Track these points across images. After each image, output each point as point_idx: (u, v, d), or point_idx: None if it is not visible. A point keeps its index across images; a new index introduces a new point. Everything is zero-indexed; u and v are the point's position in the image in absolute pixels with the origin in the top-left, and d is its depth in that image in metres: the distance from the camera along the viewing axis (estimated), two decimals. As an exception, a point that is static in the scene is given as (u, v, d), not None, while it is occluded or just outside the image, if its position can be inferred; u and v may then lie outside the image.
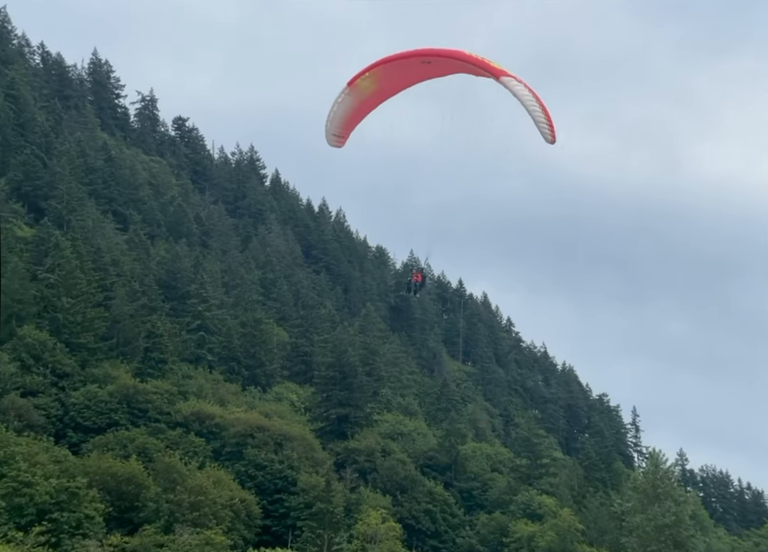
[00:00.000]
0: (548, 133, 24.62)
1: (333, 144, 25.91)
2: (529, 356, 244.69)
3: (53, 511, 73.54)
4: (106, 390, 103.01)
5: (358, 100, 25.75)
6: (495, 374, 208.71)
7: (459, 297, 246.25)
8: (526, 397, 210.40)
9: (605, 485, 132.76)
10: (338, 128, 26.14)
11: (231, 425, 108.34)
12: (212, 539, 78.70)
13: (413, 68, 27.92)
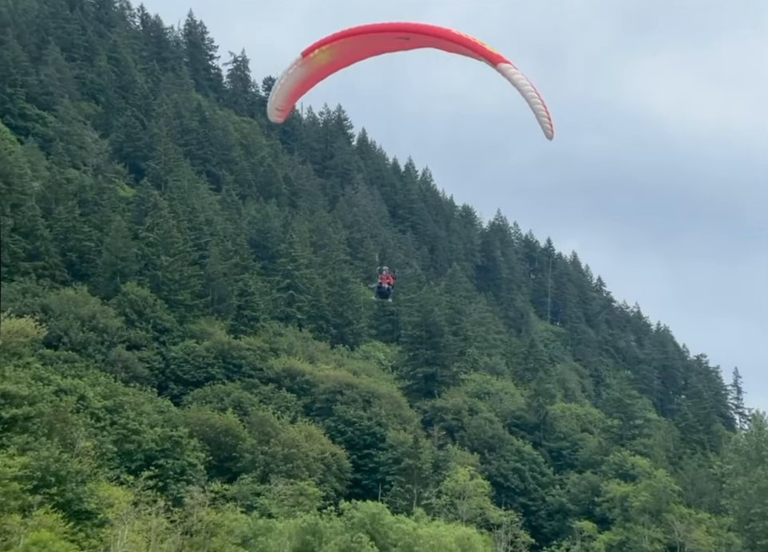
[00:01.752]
0: (548, 128, 21.49)
1: (274, 119, 24.06)
2: (621, 316, 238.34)
3: (159, 458, 77.75)
4: (203, 345, 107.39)
5: (308, 72, 23.35)
6: (585, 334, 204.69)
7: (547, 256, 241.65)
8: (618, 358, 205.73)
9: (703, 447, 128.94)
10: (282, 102, 23.71)
11: (321, 382, 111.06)
12: (306, 490, 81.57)
13: (384, 42, 24.33)
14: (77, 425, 68.36)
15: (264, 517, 71.25)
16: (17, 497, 50.30)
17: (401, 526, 66.69)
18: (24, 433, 60.83)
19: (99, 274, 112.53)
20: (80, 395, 78.38)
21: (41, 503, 51.20)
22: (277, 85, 23.42)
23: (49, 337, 79.62)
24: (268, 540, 63.22)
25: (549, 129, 21.88)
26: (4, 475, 49.82)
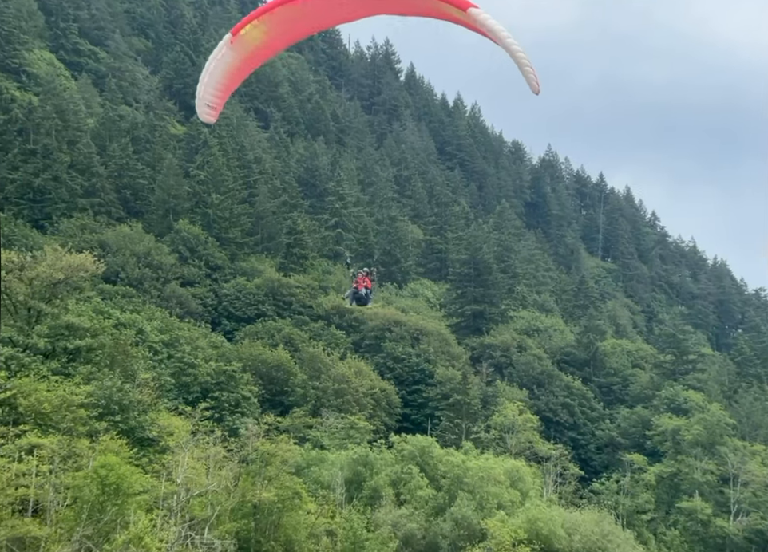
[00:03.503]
0: (533, 78, 17.28)
1: (205, 118, 18.57)
2: (675, 251, 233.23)
3: (215, 391, 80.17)
4: (253, 283, 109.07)
5: (241, 56, 18.01)
6: (637, 270, 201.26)
7: (599, 191, 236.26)
8: (671, 293, 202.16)
9: (760, 380, 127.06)
10: (212, 96, 18.44)
11: (370, 319, 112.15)
12: (356, 424, 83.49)
13: (330, 10, 18.82)
14: (137, 357, 70.66)
15: (316, 448, 73.35)
16: (84, 423, 52.79)
17: (450, 459, 67.97)
18: (88, 364, 63.33)
19: (152, 211, 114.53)
20: (138, 329, 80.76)
21: (107, 430, 53.57)
22: (204, 75, 18.11)
23: (107, 272, 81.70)
24: (321, 470, 65.25)
25: (535, 80, 17.65)
26: (72, 403, 52.24)
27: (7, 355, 56.47)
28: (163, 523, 47.52)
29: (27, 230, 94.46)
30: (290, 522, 52.27)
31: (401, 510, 60.71)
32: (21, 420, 49.52)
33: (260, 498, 51.49)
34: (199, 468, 52.42)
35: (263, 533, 51.46)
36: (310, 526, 53.53)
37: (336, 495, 60.50)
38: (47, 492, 43.88)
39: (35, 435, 46.09)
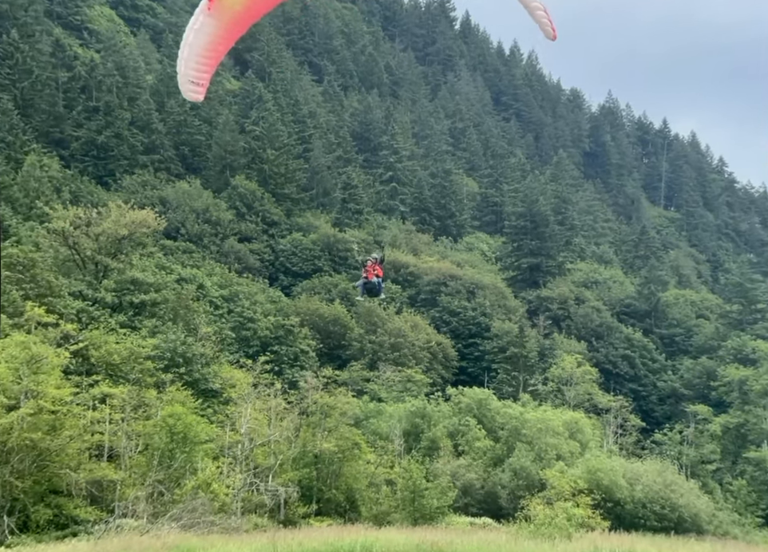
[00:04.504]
0: (547, 24, 15.37)
1: (191, 97, 16.76)
2: (744, 197, 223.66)
3: (274, 345, 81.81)
4: (309, 238, 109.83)
5: (222, 25, 16.23)
6: (702, 219, 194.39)
7: (662, 138, 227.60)
8: (739, 241, 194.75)
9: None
10: (194, 71, 16.41)
11: (425, 274, 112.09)
12: (413, 377, 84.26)
13: None
14: (198, 312, 72.45)
15: (374, 401, 74.35)
16: (151, 374, 54.79)
17: (507, 411, 68.10)
18: (152, 317, 65.35)
19: (210, 167, 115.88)
20: (199, 284, 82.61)
21: (173, 381, 55.44)
22: (183, 49, 16.17)
23: (168, 228, 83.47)
24: (379, 422, 66.25)
25: (549, 26, 15.70)
26: (139, 355, 54.21)
27: (78, 308, 58.71)
28: (229, 471, 49.22)
29: (92, 187, 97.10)
30: (350, 472, 53.49)
31: (459, 461, 61.40)
32: (93, 371, 51.65)
33: (321, 449, 52.71)
34: (262, 419, 53.81)
35: (325, 481, 52.83)
36: (370, 475, 54.68)
37: (395, 446, 61.49)
38: (120, 439, 45.87)
39: (107, 385, 48.03)
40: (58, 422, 41.60)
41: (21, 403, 40.19)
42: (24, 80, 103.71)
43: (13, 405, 39.93)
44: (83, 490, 42.33)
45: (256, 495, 48.71)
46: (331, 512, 51.20)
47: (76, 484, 41.87)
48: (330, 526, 37.34)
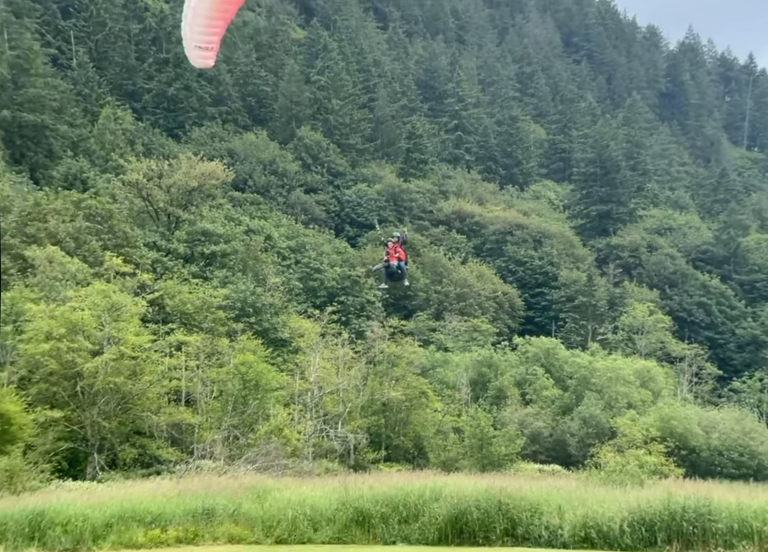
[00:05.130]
0: None
1: (199, 63, 15.14)
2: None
3: (341, 295, 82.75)
4: (374, 189, 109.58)
5: None
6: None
7: (747, 74, 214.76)
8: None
9: None
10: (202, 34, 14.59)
11: (490, 223, 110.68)
12: (479, 326, 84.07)
13: None
14: (267, 263, 73.68)
15: (440, 351, 74.72)
16: (223, 324, 56.37)
17: (576, 360, 67.41)
18: (223, 268, 66.89)
19: (276, 118, 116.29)
20: (266, 235, 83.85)
21: (243, 331, 56.96)
22: (187, 13, 14.61)
23: (236, 180, 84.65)
24: (446, 371, 66.67)
25: None
26: (211, 304, 55.76)
27: (153, 259, 60.57)
28: (299, 417, 50.51)
29: (163, 139, 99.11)
30: (417, 419, 54.24)
31: (527, 410, 61.44)
32: (169, 319, 53.44)
33: (388, 397, 53.50)
34: (330, 368, 54.77)
35: (393, 428, 53.79)
36: (438, 423, 55.33)
37: (461, 395, 61.93)
38: (196, 385, 47.64)
39: (182, 333, 49.67)
40: (138, 367, 43.43)
41: (104, 348, 42.08)
42: (98, 32, 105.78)
43: (97, 351, 41.89)
44: (164, 432, 44.41)
45: (326, 441, 49.98)
46: (400, 458, 52.20)
47: (157, 426, 43.92)
48: (399, 471, 38.06)
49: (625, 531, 19.79)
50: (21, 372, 41.28)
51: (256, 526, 22.51)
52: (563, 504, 20.89)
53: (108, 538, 21.23)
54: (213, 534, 22.17)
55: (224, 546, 21.18)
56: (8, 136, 77.47)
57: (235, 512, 23.39)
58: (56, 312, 41.11)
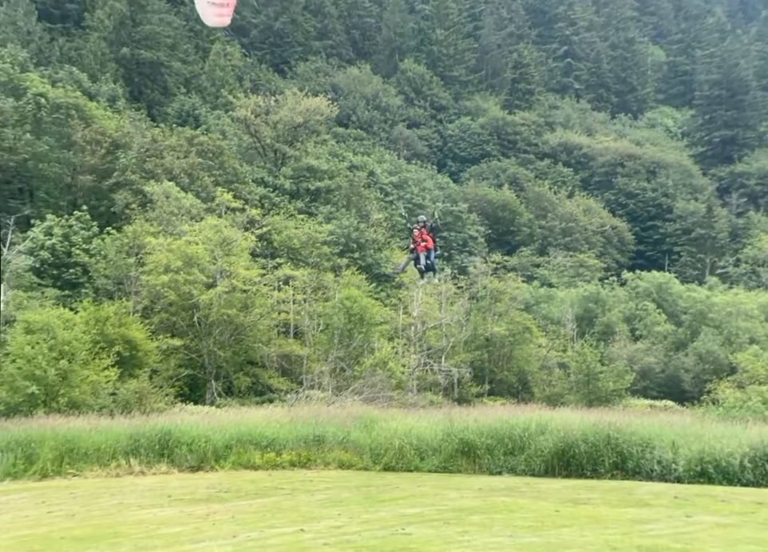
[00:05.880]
0: None
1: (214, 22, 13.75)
2: None
3: (443, 231, 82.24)
4: (477, 122, 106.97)
5: None
6: None
7: None
8: None
9: None
10: None
11: (600, 154, 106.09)
12: (585, 262, 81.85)
13: None
14: (370, 199, 73.97)
15: (545, 286, 73.48)
16: (328, 259, 57.53)
17: (692, 295, 64.35)
18: (327, 204, 67.80)
19: (379, 51, 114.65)
20: (369, 171, 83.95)
21: (348, 266, 57.95)
22: None
23: (339, 115, 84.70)
24: (550, 307, 65.60)
25: None
26: (316, 240, 56.90)
27: (261, 194, 62.12)
28: (403, 351, 51.35)
29: (270, 75, 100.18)
30: (521, 355, 53.96)
31: (636, 345, 59.68)
32: (276, 254, 55.02)
33: (491, 332, 53.37)
34: (432, 303, 55.01)
35: (497, 363, 53.81)
36: (542, 358, 54.89)
37: (567, 330, 60.91)
38: (303, 318, 49.16)
39: (289, 268, 51.13)
40: (249, 300, 45.22)
41: (218, 281, 44.00)
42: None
43: (211, 283, 43.88)
44: (274, 363, 46.43)
45: (430, 375, 50.67)
46: (504, 392, 52.36)
47: (268, 357, 45.94)
48: (503, 405, 38.20)
49: (746, 467, 19.08)
50: (144, 302, 43.90)
51: (365, 453, 23.27)
52: (676, 439, 20.32)
53: (228, 459, 22.57)
54: (324, 460, 23.11)
55: (335, 471, 22.06)
56: (127, 73, 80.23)
57: (344, 440, 24.24)
58: (173, 245, 43.16)
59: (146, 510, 13.46)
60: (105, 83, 71.97)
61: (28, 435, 21.15)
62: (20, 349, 30.45)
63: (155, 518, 12.44)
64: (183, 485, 17.59)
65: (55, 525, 12.07)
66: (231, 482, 18.21)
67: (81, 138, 55.94)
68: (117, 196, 53.34)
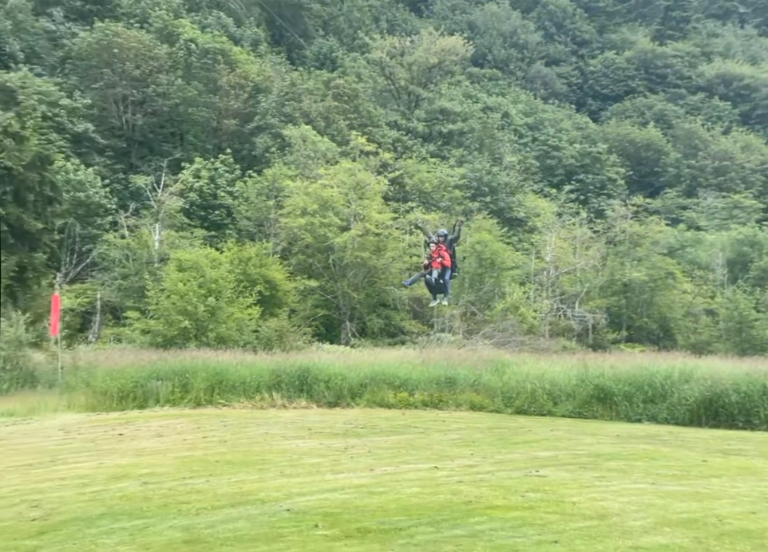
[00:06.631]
0: None
1: None
2: None
3: (579, 173, 79.34)
4: (623, 56, 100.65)
5: None
6: None
7: None
8: None
9: None
10: None
11: (764, 85, 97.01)
12: (741, 203, 76.05)
13: None
14: (503, 141, 72.21)
15: (692, 229, 69.32)
16: (459, 203, 57.15)
17: None
18: (459, 147, 66.87)
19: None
20: (503, 112, 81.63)
21: (479, 209, 57.29)
22: None
23: (475, 55, 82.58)
24: (697, 251, 61.89)
25: None
26: (448, 183, 56.57)
27: (394, 138, 62.19)
28: (535, 296, 50.54)
29: (406, 15, 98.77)
30: (663, 301, 51.53)
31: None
32: (408, 198, 55.24)
33: (630, 278, 51.28)
34: (567, 248, 53.52)
35: (635, 309, 51.78)
36: (687, 304, 52.14)
37: (716, 276, 57.45)
38: (434, 261, 49.28)
39: (420, 212, 51.22)
40: (381, 244, 45.90)
41: (351, 225, 44.89)
42: None
43: (345, 227, 44.85)
44: (406, 306, 47.14)
45: (563, 320, 49.66)
46: (643, 339, 50.47)
47: (400, 300, 46.67)
48: (642, 352, 36.84)
49: None
50: (282, 243, 45.69)
51: (496, 396, 23.28)
52: None
53: (363, 397, 23.35)
54: (456, 401, 23.38)
55: (466, 412, 22.30)
56: (269, 16, 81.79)
57: (476, 382, 24.35)
58: (309, 189, 44.32)
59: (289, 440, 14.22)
60: (249, 27, 73.68)
61: (183, 366, 22.81)
62: (174, 286, 32.61)
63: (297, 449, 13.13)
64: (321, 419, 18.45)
65: (210, 449, 13.03)
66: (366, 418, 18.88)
67: (226, 82, 58.03)
68: (258, 140, 55.19)
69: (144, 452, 12.70)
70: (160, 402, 21.05)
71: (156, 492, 9.51)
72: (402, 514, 8.49)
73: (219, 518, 8.23)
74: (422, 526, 8.01)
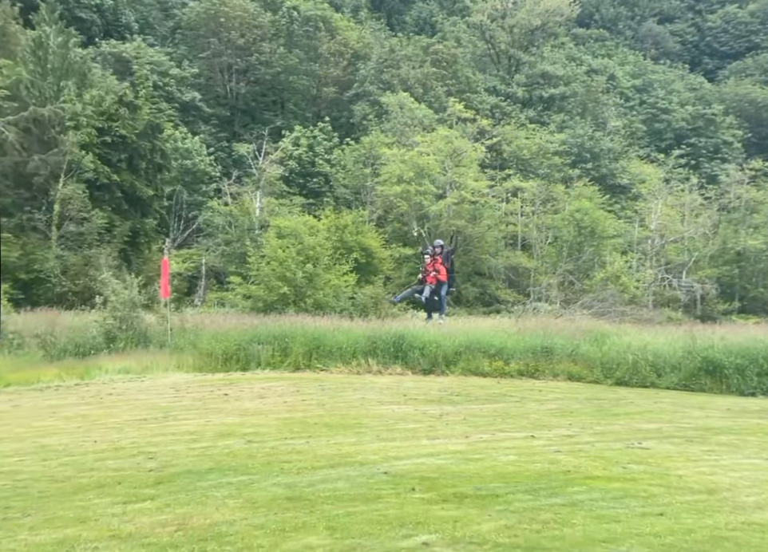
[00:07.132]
0: None
1: None
2: None
3: (691, 137, 75.36)
4: (746, 9, 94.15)
5: None
6: None
7: None
8: None
9: None
10: None
11: None
12: None
13: None
14: (608, 105, 69.43)
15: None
16: (559, 170, 55.56)
17: None
18: (560, 112, 64.74)
19: None
20: (609, 74, 78.33)
21: (580, 176, 55.53)
22: None
23: (581, 15, 79.31)
24: (819, 220, 57.79)
25: None
26: (547, 150, 55.01)
27: (492, 104, 60.92)
28: (638, 265, 48.76)
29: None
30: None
31: None
32: (506, 165, 54.18)
33: (744, 246, 48.63)
34: (674, 215, 51.27)
35: (749, 279, 49.16)
36: (807, 277, 49.08)
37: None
38: (531, 230, 48.41)
39: (518, 180, 50.19)
40: (477, 212, 45.35)
41: (447, 193, 44.51)
42: None
43: (440, 195, 44.54)
44: (501, 275, 46.57)
45: (669, 290, 47.77)
46: (758, 310, 47.87)
47: (495, 268, 46.14)
48: (756, 323, 34.90)
49: None
50: (378, 211, 45.92)
51: (595, 367, 22.65)
52: None
53: (457, 364, 23.23)
54: (553, 371, 22.89)
55: (564, 382, 21.85)
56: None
57: (573, 352, 23.75)
58: (405, 156, 44.18)
59: (385, 405, 14.37)
60: (350, -7, 73.68)
61: (282, 331, 23.41)
62: (273, 252, 33.46)
63: (393, 414, 13.25)
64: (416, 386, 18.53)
65: (309, 411, 13.36)
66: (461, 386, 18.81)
67: (326, 50, 58.41)
68: (356, 107, 55.39)
69: (248, 413, 13.17)
70: (261, 365, 21.74)
71: (260, 451, 9.84)
72: (499, 480, 8.43)
73: (318, 477, 8.43)
74: (519, 493, 7.92)
